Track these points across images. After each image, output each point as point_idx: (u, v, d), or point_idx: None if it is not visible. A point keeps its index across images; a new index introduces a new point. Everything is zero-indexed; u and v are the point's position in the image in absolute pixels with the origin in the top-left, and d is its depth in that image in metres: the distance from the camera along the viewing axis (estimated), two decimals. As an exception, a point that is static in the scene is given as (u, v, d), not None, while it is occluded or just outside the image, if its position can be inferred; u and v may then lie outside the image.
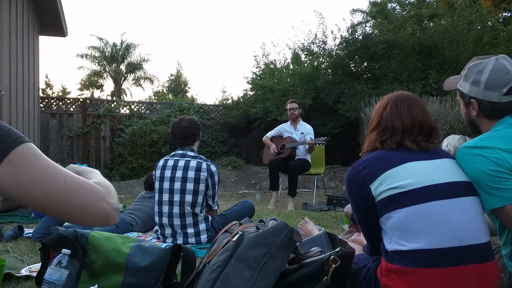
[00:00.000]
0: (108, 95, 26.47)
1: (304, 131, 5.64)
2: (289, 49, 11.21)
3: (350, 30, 10.11)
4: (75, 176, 0.96)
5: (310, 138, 5.35)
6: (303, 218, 2.88)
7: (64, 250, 1.52)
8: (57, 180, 0.92)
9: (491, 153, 1.46)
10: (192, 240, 3.06)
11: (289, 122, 5.84)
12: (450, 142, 2.81)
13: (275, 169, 5.54)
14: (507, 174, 1.43)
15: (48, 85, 19.87)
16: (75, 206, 0.93)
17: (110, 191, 1.01)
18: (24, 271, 2.21)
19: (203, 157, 3.19)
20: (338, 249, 1.37)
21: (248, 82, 10.93)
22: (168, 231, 3.10)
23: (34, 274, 2.09)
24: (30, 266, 2.33)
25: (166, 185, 3.09)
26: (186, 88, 29.27)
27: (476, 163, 1.48)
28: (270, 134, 5.92)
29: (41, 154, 0.95)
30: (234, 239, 1.46)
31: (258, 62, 11.12)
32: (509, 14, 15.48)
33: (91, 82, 25.54)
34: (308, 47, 10.55)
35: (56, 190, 0.91)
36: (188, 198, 3.04)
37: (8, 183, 0.89)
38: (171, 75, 29.86)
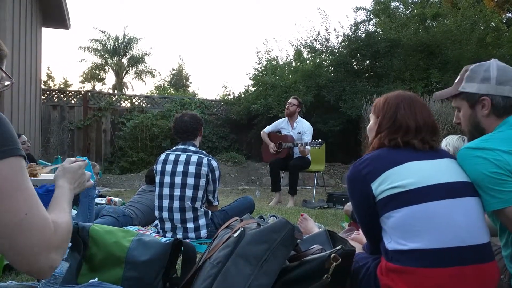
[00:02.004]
0: (109, 88, 26.48)
1: (301, 130, 5.55)
2: (292, 45, 11.25)
3: (353, 28, 10.09)
4: (40, 212, 0.91)
5: (304, 142, 5.29)
6: (301, 214, 2.88)
7: (65, 243, 1.52)
8: (21, 209, 0.87)
9: (492, 154, 1.46)
10: (192, 234, 3.07)
11: (286, 119, 5.74)
12: (449, 142, 2.81)
13: (276, 169, 5.52)
14: (507, 176, 1.43)
15: (50, 77, 19.86)
16: (18, 247, 0.87)
17: (62, 242, 0.95)
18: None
19: (204, 152, 3.20)
20: (339, 247, 1.36)
21: (250, 78, 10.93)
22: (168, 225, 3.11)
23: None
24: (30, 258, 2.33)
25: (167, 179, 3.10)
26: (188, 83, 29.27)
27: (477, 164, 1.48)
28: (267, 129, 5.87)
29: (24, 173, 0.91)
30: (235, 235, 1.46)
31: (260, 58, 11.13)
32: (512, 15, 15.43)
33: (93, 75, 25.52)
34: (311, 44, 10.54)
35: (14, 219, 0.87)
36: (189, 192, 3.05)
37: None
38: (173, 69, 29.88)
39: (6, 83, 1.11)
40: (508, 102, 1.57)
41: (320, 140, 5.26)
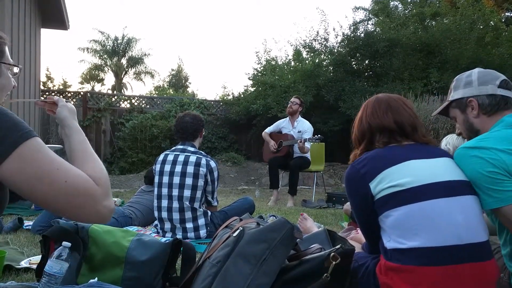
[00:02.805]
0: (109, 89, 26.48)
1: (302, 129, 5.57)
2: (291, 45, 11.27)
3: (352, 27, 10.09)
4: (76, 173, 0.98)
5: (303, 138, 5.30)
6: (301, 214, 2.88)
7: (64, 243, 1.52)
8: (59, 179, 0.95)
9: (488, 154, 1.47)
10: (191, 234, 3.07)
11: (287, 118, 5.78)
12: (449, 142, 2.81)
13: (275, 167, 5.53)
14: (503, 176, 1.43)
15: (49, 78, 19.90)
16: (73, 207, 0.97)
17: (107, 188, 1.04)
18: (24, 263, 2.22)
19: (203, 152, 3.20)
20: (338, 246, 1.37)
21: (249, 78, 10.93)
22: (167, 225, 3.11)
23: (34, 266, 2.09)
24: (30, 258, 2.33)
25: (166, 179, 3.10)
26: (187, 83, 29.28)
27: (473, 164, 1.49)
28: (269, 129, 5.90)
29: (46, 149, 0.97)
30: (235, 234, 1.46)
31: (260, 58, 11.13)
32: (511, 14, 15.45)
33: (92, 75, 25.53)
34: (310, 44, 10.54)
35: (58, 189, 0.94)
36: (187, 193, 3.05)
37: (15, 178, 0.92)
38: (172, 70, 29.90)
39: (15, 70, 1.17)
40: (494, 99, 1.63)
41: (319, 135, 5.26)
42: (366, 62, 10.32)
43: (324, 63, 10.40)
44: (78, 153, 1.15)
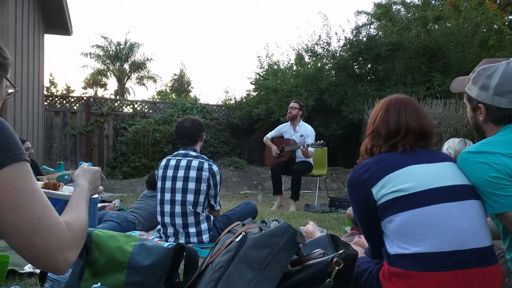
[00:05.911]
0: (111, 94, 26.60)
1: (304, 133, 5.55)
2: (293, 50, 11.25)
3: (354, 31, 10.10)
4: (53, 215, 0.93)
5: (306, 144, 5.29)
6: (306, 221, 2.88)
7: (67, 248, 1.52)
8: (34, 214, 0.89)
9: (491, 158, 1.45)
10: (194, 239, 3.07)
11: (288, 123, 5.75)
12: (450, 146, 2.81)
13: (278, 173, 5.50)
14: (507, 181, 1.42)
15: (52, 83, 19.99)
16: (34, 248, 0.90)
17: (77, 240, 0.98)
18: (27, 268, 2.22)
19: (205, 157, 3.20)
20: (341, 251, 1.36)
21: (251, 83, 10.93)
22: (170, 230, 3.11)
23: (38, 271, 2.10)
24: (33, 263, 2.33)
25: (168, 184, 3.10)
26: (189, 88, 29.34)
27: (477, 169, 1.47)
28: (270, 134, 5.88)
29: (31, 177, 0.92)
30: (237, 239, 1.46)
31: (262, 62, 11.13)
32: (514, 18, 15.44)
33: (95, 80, 25.62)
34: (312, 48, 10.55)
35: (28, 224, 0.88)
36: (190, 197, 3.05)
37: None
38: (175, 74, 29.95)
39: (10, 91, 1.12)
40: (504, 113, 1.53)
41: (322, 141, 5.24)
42: (369, 66, 10.32)
43: (326, 67, 10.40)
44: (71, 201, 1.14)
